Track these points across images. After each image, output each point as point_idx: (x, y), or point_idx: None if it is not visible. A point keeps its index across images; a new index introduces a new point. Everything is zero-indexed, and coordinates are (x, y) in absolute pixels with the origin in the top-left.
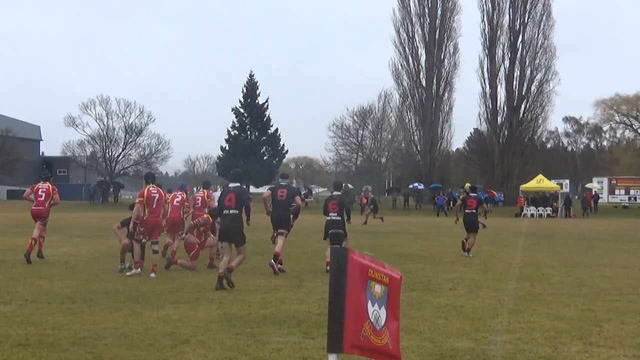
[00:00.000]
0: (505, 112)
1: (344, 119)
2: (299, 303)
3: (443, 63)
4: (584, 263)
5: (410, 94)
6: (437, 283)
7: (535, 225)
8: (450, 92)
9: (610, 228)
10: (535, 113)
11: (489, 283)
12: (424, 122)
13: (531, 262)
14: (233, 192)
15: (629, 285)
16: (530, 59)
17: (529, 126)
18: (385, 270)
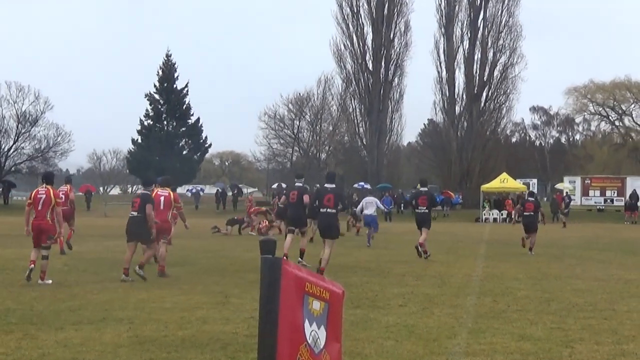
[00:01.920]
0: (464, 101)
1: (278, 107)
2: (224, 323)
3: (393, 43)
4: (553, 275)
5: (354, 79)
6: (386, 299)
7: (498, 232)
8: (401, 77)
9: (584, 234)
10: (498, 102)
11: (445, 298)
12: (370, 112)
13: (493, 274)
14: (332, 192)
15: (604, 299)
16: (493, 40)
17: (492, 117)
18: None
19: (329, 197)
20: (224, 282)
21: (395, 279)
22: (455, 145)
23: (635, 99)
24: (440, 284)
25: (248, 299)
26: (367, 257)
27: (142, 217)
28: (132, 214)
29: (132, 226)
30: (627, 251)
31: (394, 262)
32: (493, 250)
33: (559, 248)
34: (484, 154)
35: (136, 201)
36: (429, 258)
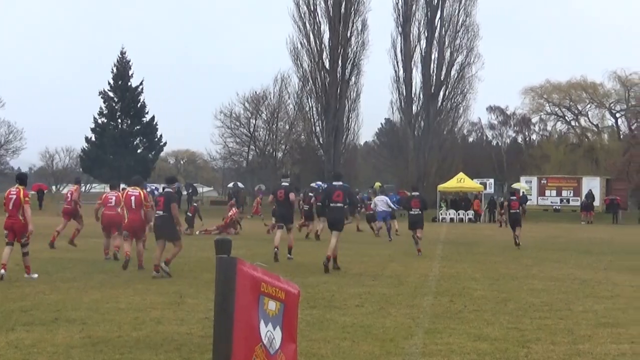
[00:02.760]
0: (421, 100)
1: (234, 105)
2: (178, 323)
3: (350, 42)
4: (510, 275)
5: (311, 78)
6: (342, 299)
7: (454, 232)
8: (358, 76)
9: (540, 234)
10: (455, 101)
11: (401, 298)
12: (327, 111)
13: (450, 274)
14: (340, 189)
15: (560, 299)
16: (450, 39)
17: (449, 116)
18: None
19: (338, 193)
20: (178, 282)
21: (352, 279)
22: (412, 145)
23: (590, 99)
24: (397, 284)
25: (203, 299)
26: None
27: (167, 215)
28: (157, 213)
29: (159, 225)
30: (583, 251)
31: (352, 262)
32: (450, 250)
33: (516, 249)
34: (440, 154)
35: (160, 200)
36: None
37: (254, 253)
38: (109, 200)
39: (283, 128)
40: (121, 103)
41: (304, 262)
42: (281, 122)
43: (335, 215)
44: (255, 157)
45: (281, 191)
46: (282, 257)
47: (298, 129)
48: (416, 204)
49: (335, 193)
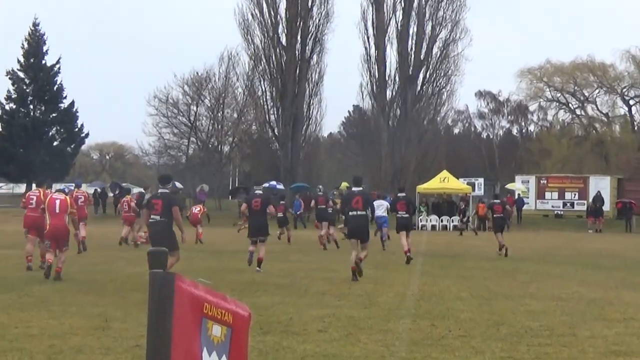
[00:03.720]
0: (397, 84)
1: (171, 89)
2: (103, 352)
3: (311, 13)
4: (502, 293)
5: (264, 56)
6: (302, 323)
7: (437, 242)
8: (320, 54)
9: (539, 245)
10: (438, 85)
11: (373, 322)
12: (283, 96)
13: (432, 293)
14: (359, 195)
15: (564, 323)
16: (432, 10)
17: (430, 103)
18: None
19: (357, 199)
20: (103, 303)
21: (313, 299)
22: (386, 137)
23: (599, 84)
24: (367, 304)
25: (133, 323)
26: (279, 272)
27: (166, 221)
28: (153, 218)
29: (157, 232)
30: (590, 265)
31: (313, 278)
32: (431, 263)
33: (510, 261)
34: (420, 148)
35: (157, 203)
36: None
37: (196, 267)
38: (30, 200)
39: (230, 117)
40: (33, 85)
41: (255, 278)
42: (228, 109)
43: (357, 223)
44: (197, 152)
45: (257, 200)
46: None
47: (248, 118)
48: (403, 207)
49: (354, 199)
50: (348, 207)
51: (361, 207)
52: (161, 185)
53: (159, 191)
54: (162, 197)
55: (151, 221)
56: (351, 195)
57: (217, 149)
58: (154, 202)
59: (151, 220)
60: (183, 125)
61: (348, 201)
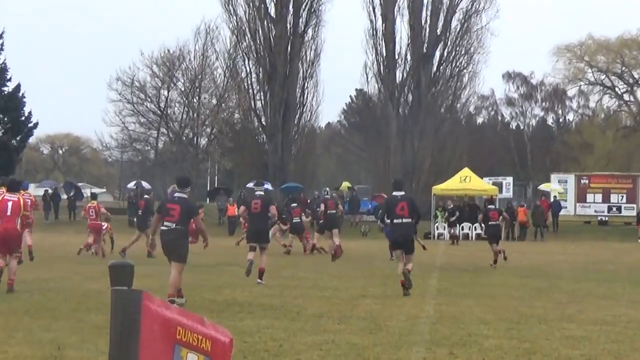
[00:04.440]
0: (408, 64)
1: (137, 70)
2: None
3: None
4: (535, 316)
5: (249, 30)
6: (294, 351)
7: (457, 254)
8: (317, 28)
9: (579, 258)
10: (458, 65)
11: (380, 351)
12: (272, 78)
13: (450, 315)
14: (404, 200)
15: (608, 352)
16: None
17: (448, 87)
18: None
19: (402, 205)
20: (56, 327)
21: (308, 322)
22: (396, 128)
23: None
24: (373, 329)
25: (91, 351)
26: (267, 290)
27: (182, 230)
28: (167, 226)
29: (171, 240)
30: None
31: (308, 297)
32: (449, 280)
33: (544, 277)
34: (436, 141)
35: (174, 208)
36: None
37: (167, 284)
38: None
39: (208, 103)
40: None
41: (239, 297)
42: (205, 94)
43: (403, 232)
44: (168, 145)
45: (257, 202)
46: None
47: (230, 105)
48: (402, 211)
49: (399, 205)
50: (392, 214)
51: (407, 214)
52: (179, 188)
53: (175, 195)
54: (180, 202)
55: (164, 229)
56: (394, 200)
57: (192, 141)
58: (169, 207)
59: (164, 227)
60: (151, 113)
61: (392, 207)
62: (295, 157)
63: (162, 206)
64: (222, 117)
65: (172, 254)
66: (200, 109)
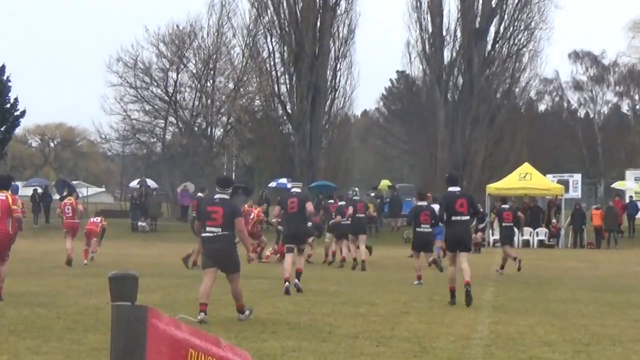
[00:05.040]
0: (458, 41)
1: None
2: None
3: None
4: (608, 336)
5: (272, 2)
6: None
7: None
8: (351, 2)
9: None
10: (516, 43)
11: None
12: (299, 58)
13: (508, 336)
14: (463, 197)
15: None
16: None
17: (505, 69)
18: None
19: (461, 201)
20: (46, 349)
21: (341, 344)
22: (444, 116)
23: None
24: (418, 352)
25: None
26: (294, 305)
27: (228, 235)
28: (211, 232)
29: (215, 249)
30: None
31: (340, 314)
32: (507, 294)
33: (618, 291)
34: (491, 131)
35: (216, 211)
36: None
37: (176, 299)
38: None
39: (224, 87)
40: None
41: (261, 314)
42: (221, 77)
43: (461, 229)
44: (177, 137)
45: (293, 200)
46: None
47: (249, 89)
48: (426, 219)
49: (458, 202)
50: (450, 211)
51: (466, 210)
52: (219, 189)
53: (216, 197)
54: (222, 204)
55: (208, 235)
56: (453, 197)
57: (205, 133)
58: (210, 211)
59: (208, 234)
60: (158, 99)
61: (451, 204)
62: (326, 150)
63: (201, 210)
64: (241, 103)
65: (222, 264)
66: (214, 94)
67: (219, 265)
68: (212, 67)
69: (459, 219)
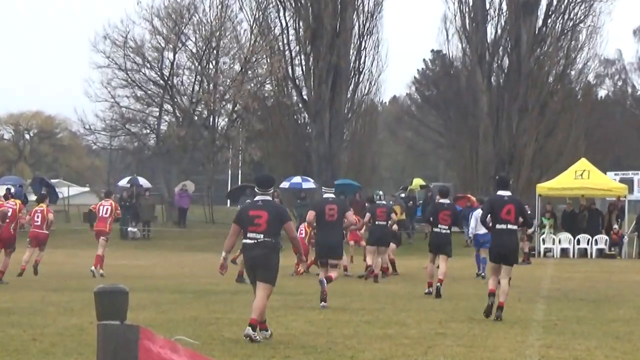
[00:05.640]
0: (504, 15)
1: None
2: None
3: None
4: None
5: None
6: None
7: (571, 276)
8: None
9: None
10: (572, 18)
11: None
12: (316, 35)
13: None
14: (512, 202)
15: None
16: None
17: (559, 48)
18: None
19: (508, 208)
20: None
21: None
22: (487, 103)
23: None
24: None
25: None
26: (310, 325)
27: (272, 242)
28: (252, 238)
29: (257, 257)
30: None
31: (365, 336)
32: (561, 313)
33: None
34: (543, 122)
35: (260, 216)
36: None
37: (172, 318)
38: None
39: (229, 70)
40: None
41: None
42: (225, 57)
43: (507, 240)
44: (174, 128)
45: (332, 207)
46: None
47: (259, 72)
48: (446, 218)
49: (505, 208)
50: (495, 219)
51: (513, 219)
52: (260, 190)
53: (258, 199)
54: (266, 207)
55: (249, 242)
56: (500, 202)
57: (207, 123)
58: (252, 215)
59: (249, 240)
60: (151, 83)
61: (496, 210)
62: (349, 143)
63: (242, 214)
64: (248, 89)
65: (259, 270)
66: (218, 78)
67: (255, 271)
68: (215, 45)
69: (504, 228)
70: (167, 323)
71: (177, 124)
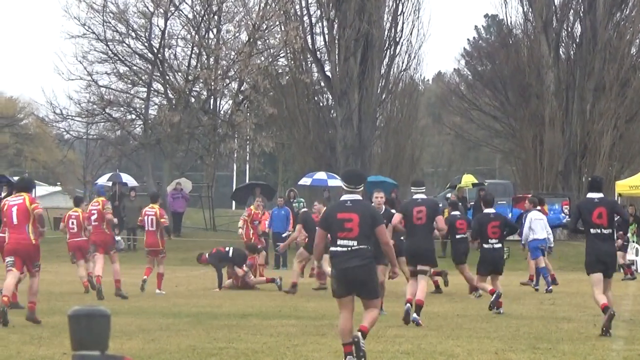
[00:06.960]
0: None
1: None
2: None
3: None
4: None
5: None
6: None
7: None
8: None
9: None
10: None
11: None
12: (342, 1)
13: None
14: (604, 205)
15: None
16: None
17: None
18: None
19: (599, 211)
20: None
21: None
22: (554, 82)
23: None
24: None
25: None
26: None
27: (367, 250)
28: (343, 246)
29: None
30: None
31: None
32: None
33: None
34: (623, 105)
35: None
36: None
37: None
38: None
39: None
40: None
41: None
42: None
43: (605, 249)
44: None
45: (420, 209)
46: None
47: (271, 43)
48: (495, 231)
49: (596, 211)
50: (587, 224)
51: (606, 222)
52: (349, 187)
53: (347, 199)
54: (357, 209)
55: (340, 250)
56: (589, 205)
57: (206, 106)
58: (341, 219)
59: (339, 249)
60: (137, 57)
61: (586, 214)
62: (383, 131)
63: (329, 218)
64: (258, 63)
65: (356, 285)
66: (219, 50)
67: (354, 289)
68: (215, 10)
69: (597, 232)
70: (158, 354)
71: (169, 108)
